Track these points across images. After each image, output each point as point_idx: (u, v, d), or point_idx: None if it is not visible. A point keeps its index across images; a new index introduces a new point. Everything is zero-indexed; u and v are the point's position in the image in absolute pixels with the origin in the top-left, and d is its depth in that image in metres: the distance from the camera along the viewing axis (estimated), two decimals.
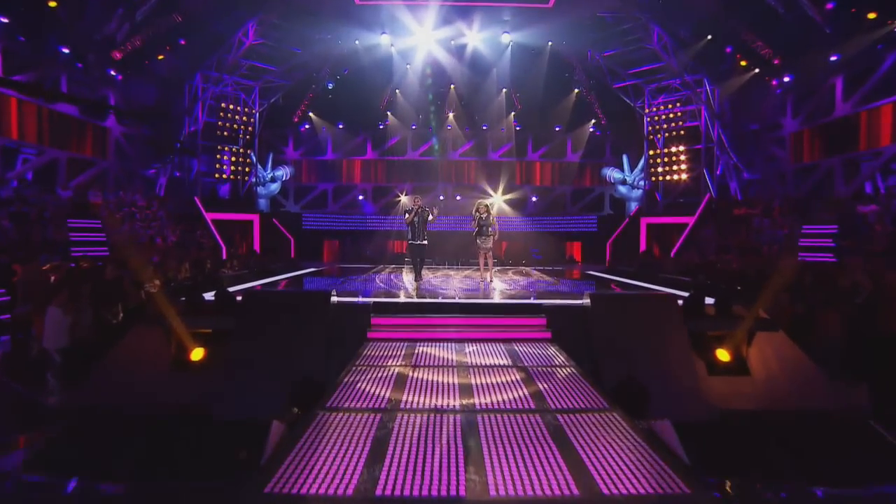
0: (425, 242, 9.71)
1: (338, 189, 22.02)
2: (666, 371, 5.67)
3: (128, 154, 15.46)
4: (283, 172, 19.54)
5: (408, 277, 11.37)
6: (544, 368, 5.30)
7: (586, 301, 6.64)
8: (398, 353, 6.00)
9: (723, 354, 6.20)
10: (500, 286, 9.68)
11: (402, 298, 7.75)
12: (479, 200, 10.09)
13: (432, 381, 4.85)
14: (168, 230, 13.53)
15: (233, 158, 16.67)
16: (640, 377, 5.21)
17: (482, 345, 6.39)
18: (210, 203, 15.89)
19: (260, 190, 19.00)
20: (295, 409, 4.87)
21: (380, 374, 5.05)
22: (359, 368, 5.27)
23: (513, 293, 8.76)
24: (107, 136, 14.55)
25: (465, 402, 4.27)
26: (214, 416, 5.35)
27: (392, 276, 11.66)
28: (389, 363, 5.52)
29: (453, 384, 4.75)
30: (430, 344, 6.40)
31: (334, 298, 6.69)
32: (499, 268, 13.44)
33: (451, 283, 10.00)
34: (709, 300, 6.52)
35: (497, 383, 4.78)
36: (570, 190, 22.01)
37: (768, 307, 6.25)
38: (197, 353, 6.20)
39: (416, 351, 6.06)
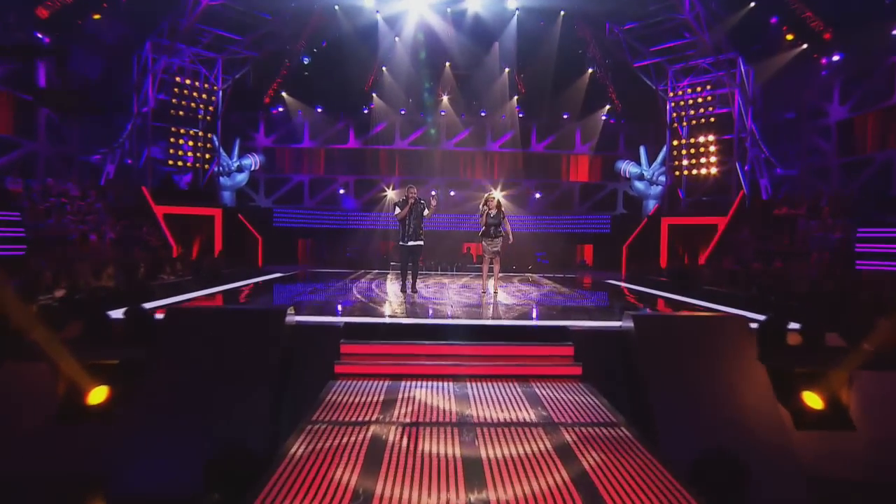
0: (421, 243, 8.37)
1: (315, 182, 20.59)
2: (745, 427, 4.37)
3: (63, 136, 13.89)
4: (252, 161, 18.05)
5: (393, 287, 9.97)
6: (584, 429, 3.95)
7: (627, 324, 5.33)
8: (375, 398, 4.62)
9: (814, 400, 4.91)
10: (507, 299, 8.32)
11: (385, 317, 6.35)
12: (488, 193, 8.76)
13: (423, 452, 3.47)
14: (107, 225, 12.01)
15: (191, 143, 15.16)
16: (723, 439, 3.89)
17: (490, 385, 5.03)
18: (162, 195, 14.38)
19: (224, 181, 17.52)
20: (216, 494, 3.45)
21: (346, 440, 3.66)
22: (317, 428, 3.88)
23: (526, 309, 7.39)
24: (34, 112, 12.99)
25: (474, 497, 2.89)
26: (112, 492, 3.96)
27: (374, 285, 10.24)
28: (362, 417, 4.14)
29: (453, 459, 3.38)
30: (419, 383, 5.02)
31: (292, 318, 5.30)
32: (500, 273, 12.15)
33: (447, 295, 8.62)
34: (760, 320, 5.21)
35: (519, 457, 3.42)
36: (579, 186, 20.76)
37: (875, 338, 4.94)
38: (97, 395, 4.80)
39: (401, 395, 4.68)
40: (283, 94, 18.32)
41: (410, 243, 8.36)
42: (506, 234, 8.36)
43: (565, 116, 19.94)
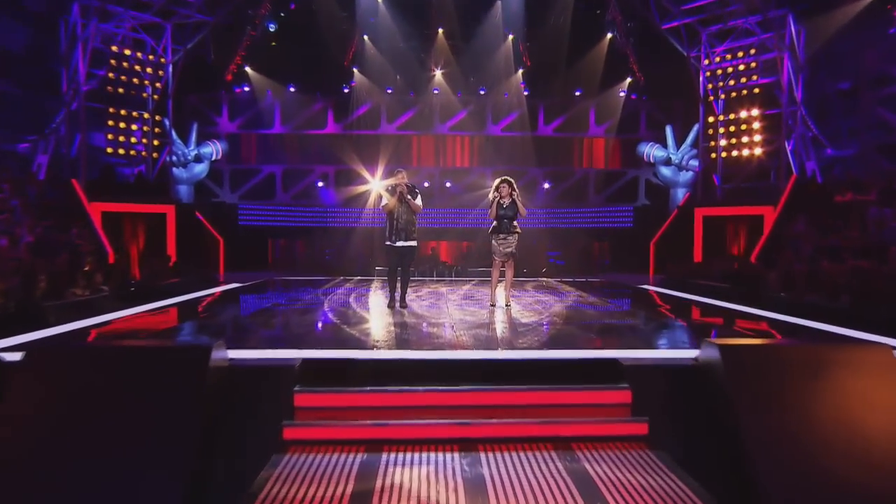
0: (414, 244, 7.05)
1: (289, 173, 19.13)
2: None
3: None
4: (213, 150, 16.56)
5: (377, 300, 8.53)
6: None
7: (708, 355, 3.98)
8: (340, 488, 3.18)
9: None
10: (524, 316, 6.91)
11: (361, 350, 4.90)
12: (500, 179, 7.38)
13: None
14: (25, 227, 10.48)
15: (137, 128, 13.62)
16: None
17: (516, 456, 3.63)
18: (100, 190, 12.88)
19: (180, 173, 16.03)
20: None
21: None
22: None
23: (553, 332, 5.97)
24: None
25: None
26: None
27: (353, 298, 8.78)
28: None
29: None
30: (409, 456, 3.61)
31: (222, 355, 3.87)
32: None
33: (447, 312, 7.19)
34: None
35: None
36: (595, 173, 19.40)
37: None
38: None
39: (381, 482, 3.25)
40: (248, 69, 16.80)
41: (400, 243, 6.97)
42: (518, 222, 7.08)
43: (578, 93, 18.59)
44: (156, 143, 14.13)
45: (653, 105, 18.43)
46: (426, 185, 19.24)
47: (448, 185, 19.32)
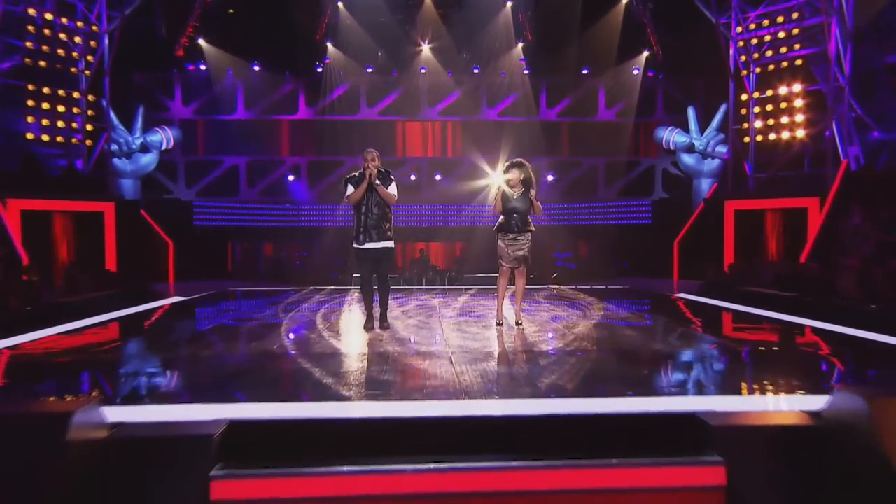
0: (389, 245, 5.92)
1: (255, 165, 17.84)
2: None
3: None
4: (162, 137, 15.21)
5: (351, 318, 7.27)
6: None
7: (845, 406, 2.79)
8: None
9: None
10: (543, 340, 5.73)
11: (317, 405, 3.64)
12: (513, 160, 6.23)
13: None
14: None
15: (61, 109, 12.23)
16: None
17: None
18: (20, 183, 11.52)
19: (122, 165, 14.68)
20: None
21: None
22: None
23: (594, 366, 4.75)
24: None
25: None
26: None
27: (319, 319, 7.46)
28: None
29: None
30: None
31: (99, 416, 2.63)
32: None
33: (441, 336, 5.94)
34: None
35: None
36: (604, 163, 18.30)
37: None
38: None
39: None
40: (202, 42, 15.44)
41: (370, 245, 5.84)
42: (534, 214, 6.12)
43: (586, 72, 17.46)
44: (89, 128, 12.75)
45: (671, 84, 17.36)
46: (413, 177, 18.06)
47: (438, 177, 18.14)
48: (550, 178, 18.06)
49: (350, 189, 5.92)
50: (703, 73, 15.80)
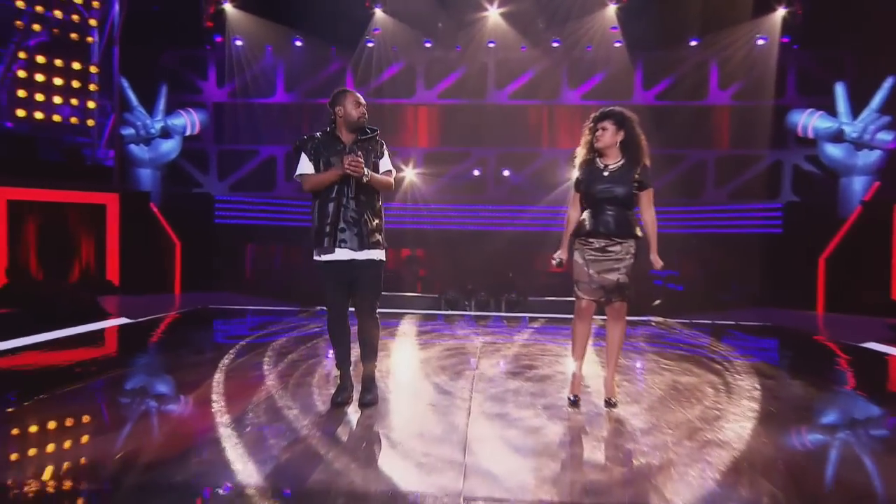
0: (377, 256, 3.81)
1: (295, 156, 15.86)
2: None
3: None
4: (187, 121, 13.59)
5: (324, 380, 4.84)
6: None
7: None
8: None
9: None
10: (668, 449, 3.02)
11: None
12: (605, 110, 4.02)
13: None
14: None
15: (58, 82, 10.70)
16: None
17: None
18: (12, 169, 10.12)
19: (140, 152, 13.11)
20: None
21: None
22: None
23: None
24: None
25: None
26: None
27: (273, 374, 4.89)
28: None
29: None
30: None
31: None
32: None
33: (461, 435, 3.36)
34: None
35: None
36: (715, 157, 15.21)
37: None
38: None
39: None
40: (227, 6, 13.62)
41: (344, 255, 3.70)
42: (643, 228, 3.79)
43: (694, 43, 14.42)
44: (91, 105, 11.18)
45: (809, 56, 14.01)
46: (477, 172, 15.71)
47: (507, 173, 15.67)
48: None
49: (306, 165, 3.67)
50: (853, 41, 12.45)
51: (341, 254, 3.67)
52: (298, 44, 15.06)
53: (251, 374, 4.77)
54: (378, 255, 3.76)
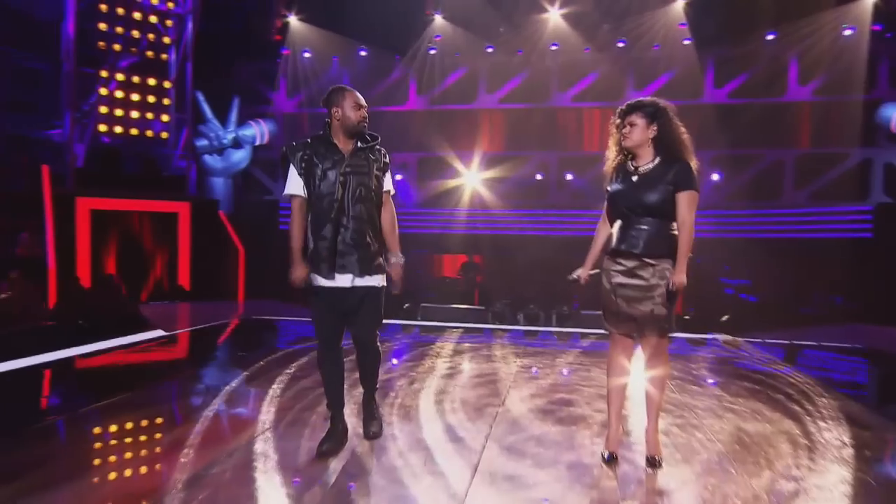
0: (377, 283, 3.29)
1: None
2: None
3: None
4: (257, 132, 13.55)
5: (320, 420, 4.20)
6: None
7: None
8: None
9: None
10: None
11: None
12: (636, 101, 3.23)
13: None
14: None
15: (135, 98, 10.77)
16: None
17: None
18: (96, 180, 10.27)
19: (213, 161, 13.13)
20: None
21: None
22: None
23: None
24: None
25: None
26: None
27: (268, 411, 4.18)
28: None
29: None
30: None
31: None
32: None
33: (464, 494, 2.64)
34: None
35: None
36: (795, 156, 13.64)
37: None
38: None
39: None
40: (292, 19, 13.41)
41: (345, 282, 3.19)
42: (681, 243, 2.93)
43: (771, 37, 12.91)
44: (165, 118, 11.20)
45: None
46: (539, 177, 14.82)
47: (570, 177, 14.70)
48: (716, 177, 13.86)
49: (294, 181, 3.24)
50: None
51: (341, 280, 3.06)
52: (363, 53, 14.73)
53: (249, 405, 4.25)
54: (380, 280, 3.20)
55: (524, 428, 3.73)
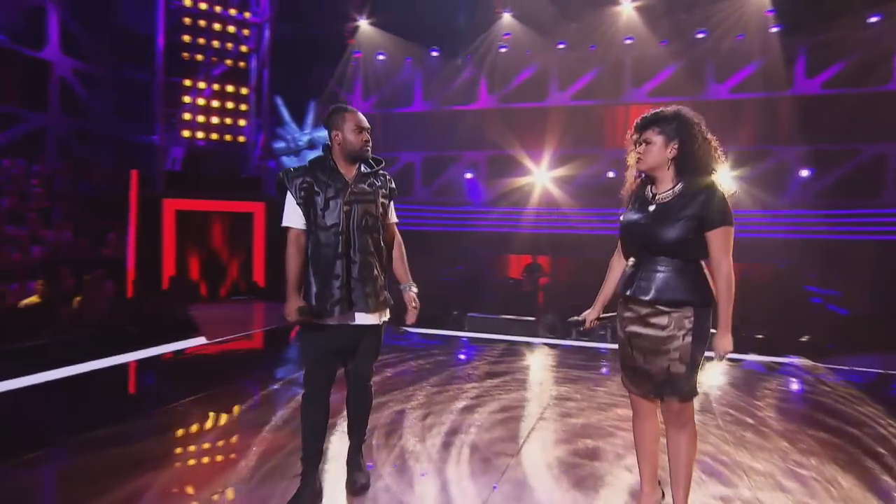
0: (386, 318, 2.90)
1: (430, 162, 15.34)
2: None
3: (90, 107, 11.00)
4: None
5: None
6: None
7: None
8: None
9: None
10: None
11: None
12: (653, 115, 2.53)
13: None
14: (63, 223, 8.27)
15: (215, 104, 10.94)
16: None
17: None
18: (176, 182, 10.57)
19: (290, 163, 13.24)
20: None
21: None
22: None
23: None
24: (47, 75, 10.29)
25: None
26: None
27: (251, 456, 3.35)
28: None
29: None
30: None
31: None
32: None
33: None
34: None
35: None
36: (894, 151, 11.84)
37: None
38: None
39: None
40: (363, 23, 13.15)
41: (351, 319, 2.75)
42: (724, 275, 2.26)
43: (874, 20, 11.25)
44: (242, 122, 11.32)
45: None
46: (612, 174, 13.82)
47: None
48: (805, 173, 12.38)
49: (292, 211, 2.75)
50: None
51: (349, 318, 2.65)
52: (434, 54, 14.32)
53: (236, 444, 3.60)
54: (386, 315, 2.72)
55: (532, 490, 2.99)
